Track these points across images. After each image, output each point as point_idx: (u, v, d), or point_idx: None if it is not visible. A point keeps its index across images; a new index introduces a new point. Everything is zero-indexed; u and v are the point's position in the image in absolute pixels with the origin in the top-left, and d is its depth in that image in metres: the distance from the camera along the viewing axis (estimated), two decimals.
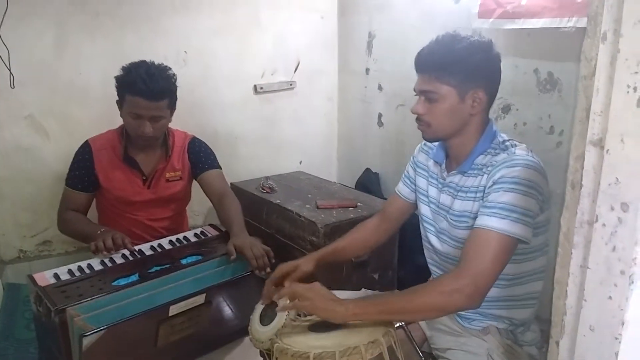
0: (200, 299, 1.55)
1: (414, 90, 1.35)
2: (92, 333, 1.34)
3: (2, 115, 2.37)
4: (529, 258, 1.33)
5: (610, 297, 0.70)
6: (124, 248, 1.75)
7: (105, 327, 1.36)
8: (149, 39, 2.56)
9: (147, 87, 1.80)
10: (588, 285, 0.72)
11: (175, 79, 1.94)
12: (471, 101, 1.29)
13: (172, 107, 1.94)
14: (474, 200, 1.31)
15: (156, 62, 1.91)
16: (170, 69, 1.93)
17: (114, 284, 1.58)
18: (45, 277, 1.58)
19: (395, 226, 1.63)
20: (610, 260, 0.69)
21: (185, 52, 2.66)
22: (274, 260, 1.69)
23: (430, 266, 1.53)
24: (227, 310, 1.74)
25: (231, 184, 2.19)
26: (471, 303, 1.14)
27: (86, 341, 1.33)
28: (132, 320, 1.42)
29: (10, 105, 2.37)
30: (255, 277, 1.66)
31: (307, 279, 1.40)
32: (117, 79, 1.88)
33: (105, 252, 1.71)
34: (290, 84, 3.00)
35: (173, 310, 1.50)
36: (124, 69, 1.88)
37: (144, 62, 1.89)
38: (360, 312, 1.16)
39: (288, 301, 1.26)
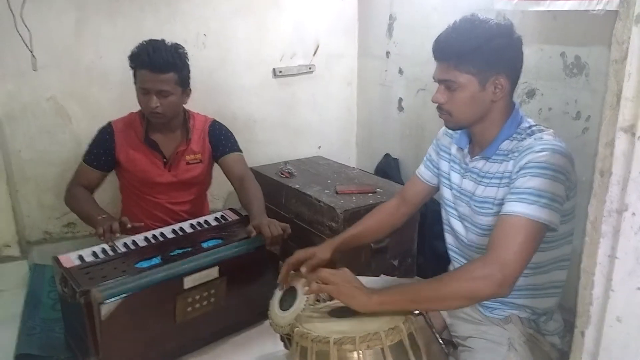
0: (214, 272, 1.59)
1: (434, 78, 1.33)
2: (110, 302, 1.38)
3: (25, 97, 2.40)
4: (552, 246, 1.30)
5: (639, 288, 0.68)
6: (129, 230, 1.74)
7: (122, 296, 1.40)
8: (169, 22, 2.56)
9: (150, 58, 1.84)
10: (616, 275, 0.71)
11: (186, 56, 1.94)
12: (493, 88, 1.26)
13: (182, 84, 1.93)
14: (499, 187, 1.28)
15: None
16: (181, 47, 1.95)
17: (136, 266, 1.60)
18: (70, 259, 1.62)
19: (413, 209, 1.62)
20: None
21: (204, 35, 2.66)
22: (286, 237, 1.71)
23: (450, 252, 1.52)
24: (243, 288, 1.76)
25: (250, 168, 2.20)
26: (500, 291, 1.11)
27: (104, 310, 1.37)
28: (148, 290, 1.47)
29: (33, 87, 2.40)
30: (268, 252, 1.69)
31: (325, 266, 1.40)
32: (129, 57, 1.92)
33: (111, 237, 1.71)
34: (309, 68, 2.98)
35: (188, 282, 1.54)
36: (136, 46, 1.91)
37: (154, 39, 1.92)
38: (385, 301, 1.16)
39: (307, 287, 1.27)
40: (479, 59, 1.23)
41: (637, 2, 0.66)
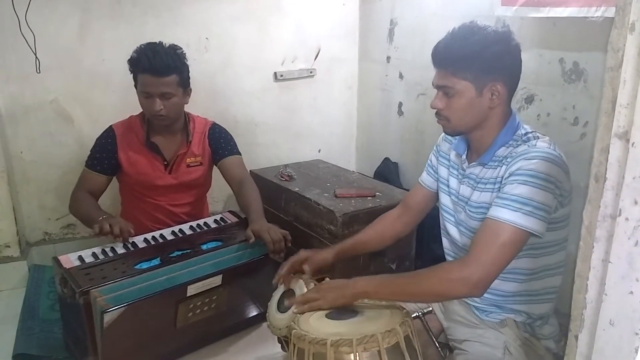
0: (217, 280, 1.59)
1: (433, 84, 1.34)
2: (113, 310, 1.38)
3: (29, 99, 2.42)
4: (546, 253, 1.31)
5: (631, 292, 0.69)
6: (127, 237, 1.75)
7: (125, 304, 1.40)
8: (171, 26, 2.58)
9: (150, 63, 1.85)
10: (609, 279, 0.71)
11: (184, 56, 1.96)
12: (490, 94, 1.27)
13: (183, 85, 1.94)
14: (492, 192, 1.29)
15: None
16: (179, 47, 1.96)
17: (136, 267, 1.62)
18: (70, 260, 1.63)
19: (417, 217, 1.62)
20: (633, 255, 0.68)
21: (206, 38, 2.67)
22: (290, 244, 1.71)
23: (446, 256, 1.53)
24: (244, 294, 1.77)
25: (250, 171, 2.20)
26: (474, 292, 1.17)
27: (107, 318, 1.37)
28: (151, 299, 1.47)
29: (36, 89, 2.42)
30: (271, 261, 1.69)
31: (325, 270, 1.42)
32: (128, 61, 1.93)
33: (110, 237, 1.71)
34: (310, 72, 3.00)
35: (191, 290, 1.54)
36: (134, 51, 1.92)
37: (151, 42, 1.93)
38: (369, 290, 1.23)
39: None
40: (475, 66, 1.25)
41: (631, 10, 0.67)
